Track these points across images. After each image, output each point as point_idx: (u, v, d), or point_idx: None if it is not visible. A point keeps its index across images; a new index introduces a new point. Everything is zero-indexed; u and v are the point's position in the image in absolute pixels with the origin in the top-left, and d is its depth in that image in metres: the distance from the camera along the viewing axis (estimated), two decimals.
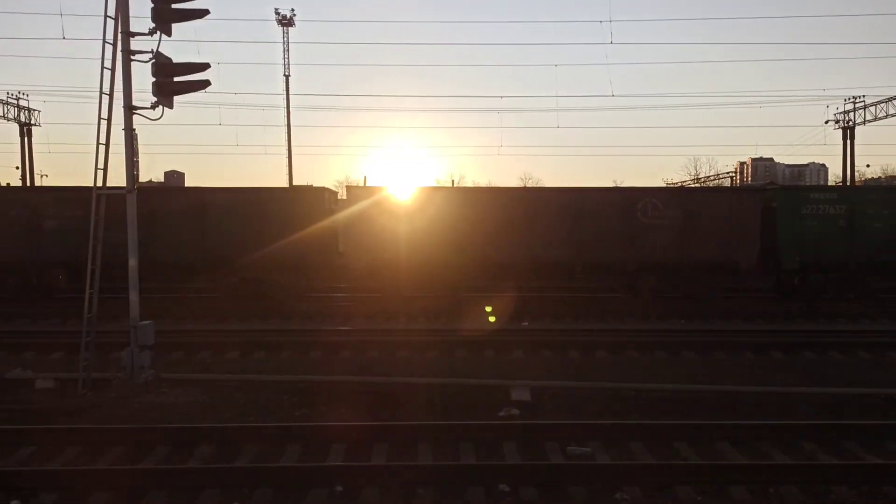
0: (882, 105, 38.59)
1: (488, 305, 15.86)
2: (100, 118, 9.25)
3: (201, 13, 9.31)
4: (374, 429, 7.21)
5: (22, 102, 36.51)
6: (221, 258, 16.61)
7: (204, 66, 9.43)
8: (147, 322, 9.54)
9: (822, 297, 16.88)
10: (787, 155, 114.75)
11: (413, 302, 16.27)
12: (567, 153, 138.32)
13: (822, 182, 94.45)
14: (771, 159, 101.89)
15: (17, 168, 37.20)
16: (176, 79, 9.42)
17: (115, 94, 9.29)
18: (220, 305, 16.27)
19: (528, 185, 56.33)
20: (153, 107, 9.40)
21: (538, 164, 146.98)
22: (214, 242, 16.69)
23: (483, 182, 70.44)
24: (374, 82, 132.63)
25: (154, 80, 9.31)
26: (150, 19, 9.14)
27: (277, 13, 43.72)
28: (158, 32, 9.17)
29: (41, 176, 45.20)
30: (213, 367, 10.79)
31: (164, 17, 9.13)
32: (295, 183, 42.63)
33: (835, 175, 78.18)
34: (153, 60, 9.22)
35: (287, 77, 43.17)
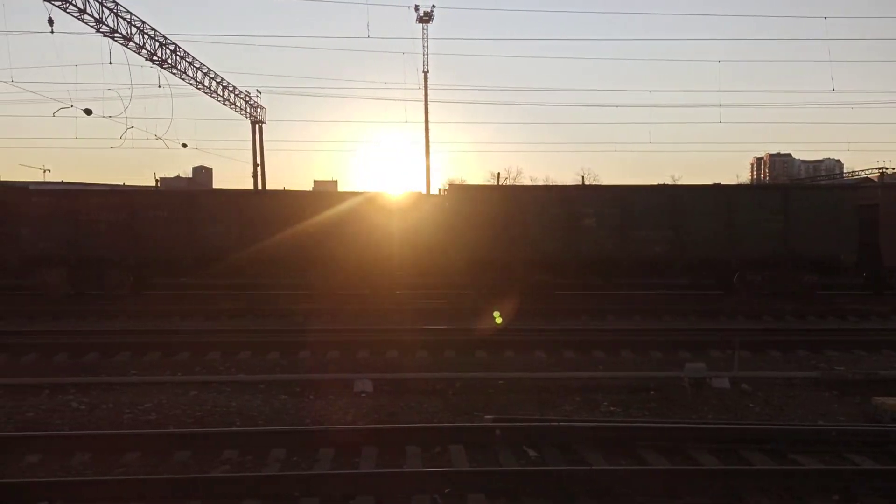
0: None
1: None
2: None
3: None
4: None
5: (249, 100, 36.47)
6: None
7: None
8: None
9: None
10: (803, 151, 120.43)
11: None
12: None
13: (837, 177, 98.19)
14: (789, 155, 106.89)
15: (259, 164, 37.10)
16: None
17: None
18: None
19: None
20: None
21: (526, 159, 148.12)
22: None
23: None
24: None
25: None
26: None
27: (417, 10, 42.75)
28: None
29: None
30: None
31: None
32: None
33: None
34: None
35: (426, 73, 41.99)
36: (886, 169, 47.52)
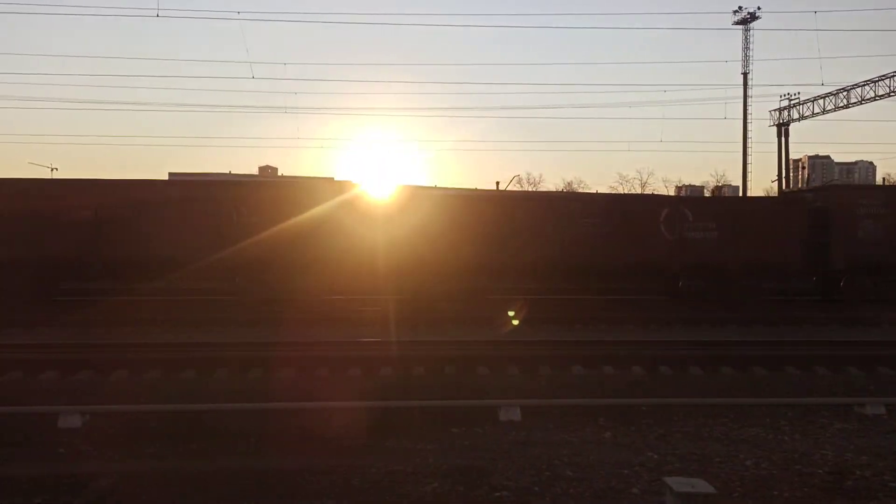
0: None
1: None
2: None
3: None
4: None
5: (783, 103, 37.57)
6: None
7: None
8: None
9: None
10: (841, 153, 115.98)
11: None
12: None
13: (870, 179, 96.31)
14: (828, 156, 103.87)
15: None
16: None
17: None
18: None
19: None
20: None
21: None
22: None
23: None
24: None
25: None
26: None
27: (739, 11, 39.58)
28: None
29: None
30: None
31: None
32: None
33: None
34: None
35: (745, 74, 40.24)
36: None
